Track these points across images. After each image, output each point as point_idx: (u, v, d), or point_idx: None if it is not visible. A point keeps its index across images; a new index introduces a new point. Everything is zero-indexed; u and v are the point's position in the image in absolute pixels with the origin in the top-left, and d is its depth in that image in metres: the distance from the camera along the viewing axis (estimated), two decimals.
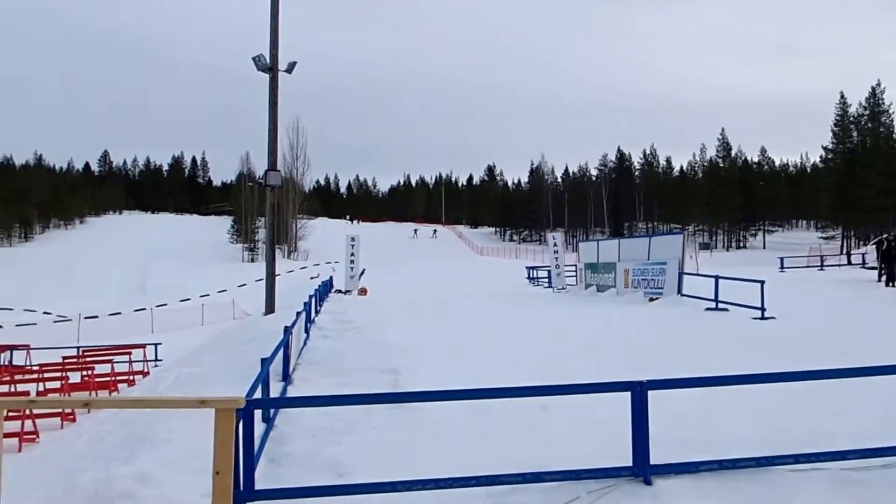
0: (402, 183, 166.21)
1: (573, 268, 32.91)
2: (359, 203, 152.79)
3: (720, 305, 17.33)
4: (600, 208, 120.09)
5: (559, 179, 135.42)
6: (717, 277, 17.85)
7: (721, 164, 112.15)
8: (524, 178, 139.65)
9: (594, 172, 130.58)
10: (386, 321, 16.45)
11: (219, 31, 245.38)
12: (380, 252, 72.75)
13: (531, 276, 41.37)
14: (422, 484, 5.42)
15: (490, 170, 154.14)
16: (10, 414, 10.50)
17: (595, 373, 9.39)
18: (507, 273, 52.50)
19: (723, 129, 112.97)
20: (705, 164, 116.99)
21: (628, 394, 5.71)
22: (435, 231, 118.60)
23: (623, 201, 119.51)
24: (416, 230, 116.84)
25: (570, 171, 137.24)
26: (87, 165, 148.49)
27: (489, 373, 9.82)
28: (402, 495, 5.42)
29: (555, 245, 31.35)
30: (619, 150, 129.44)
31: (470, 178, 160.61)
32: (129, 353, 19.76)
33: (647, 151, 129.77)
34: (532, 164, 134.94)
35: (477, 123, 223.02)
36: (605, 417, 6.72)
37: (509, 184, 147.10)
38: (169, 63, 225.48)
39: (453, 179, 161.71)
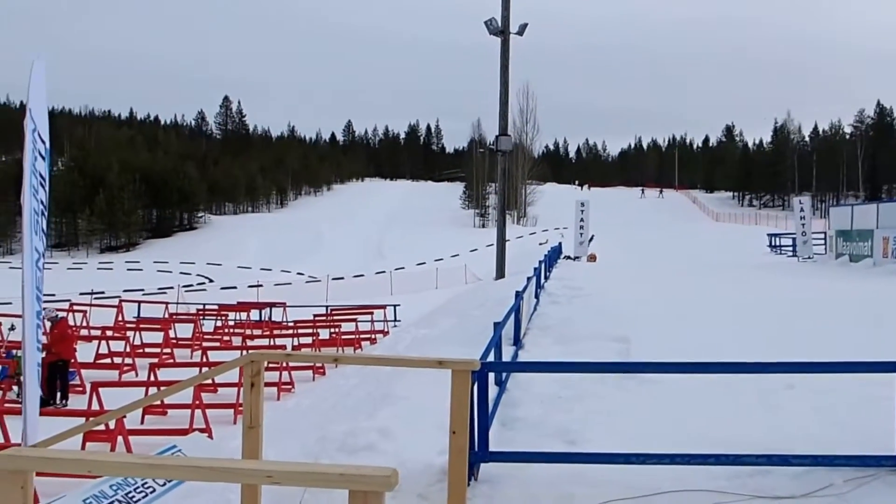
0: (632, 146, 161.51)
1: (821, 235, 30.51)
2: (588, 168, 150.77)
3: None
4: (854, 170, 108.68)
5: (807, 139, 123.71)
6: None
7: None
8: (766, 139, 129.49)
9: (848, 130, 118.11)
10: (615, 288, 16.16)
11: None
12: (609, 218, 71.51)
13: (773, 243, 38.78)
14: (657, 458, 5.24)
15: (728, 130, 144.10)
16: (270, 365, 11.59)
17: (848, 351, 8.60)
18: (746, 240, 49.48)
19: None
20: None
21: (893, 375, 5.16)
22: (661, 191, 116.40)
23: (882, 162, 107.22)
24: (642, 190, 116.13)
25: (820, 129, 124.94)
26: (332, 135, 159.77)
27: (722, 345, 9.31)
28: (635, 468, 5.29)
29: (801, 210, 29.12)
30: (878, 104, 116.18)
31: (706, 140, 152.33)
32: (371, 314, 21.13)
33: None
34: (776, 123, 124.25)
35: (713, 81, 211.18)
36: (857, 401, 6.18)
37: (749, 145, 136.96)
38: (402, 34, 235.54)
39: (687, 141, 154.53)
